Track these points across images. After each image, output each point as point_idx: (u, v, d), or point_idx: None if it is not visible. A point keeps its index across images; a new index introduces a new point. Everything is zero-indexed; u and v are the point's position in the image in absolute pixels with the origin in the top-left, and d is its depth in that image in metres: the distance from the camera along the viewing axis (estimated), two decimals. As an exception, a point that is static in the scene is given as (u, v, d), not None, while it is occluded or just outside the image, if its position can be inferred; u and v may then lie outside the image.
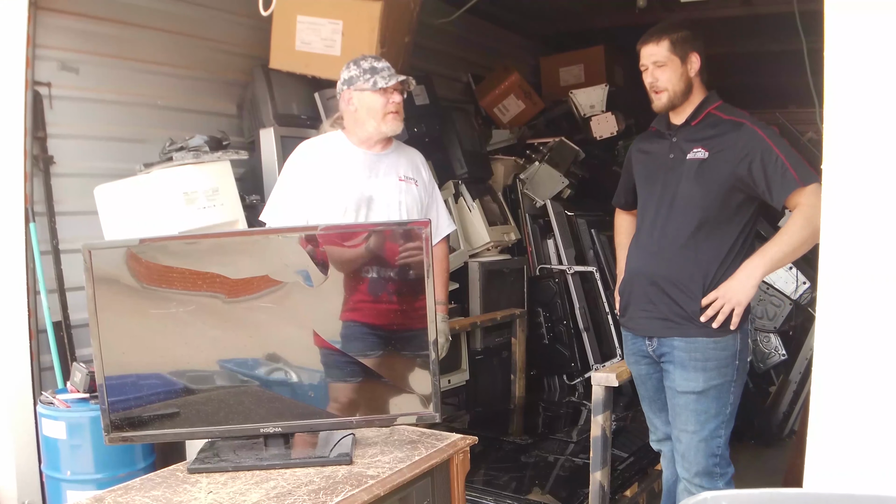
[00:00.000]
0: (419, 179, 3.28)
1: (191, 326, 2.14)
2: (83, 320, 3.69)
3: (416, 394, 2.22)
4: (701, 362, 2.74)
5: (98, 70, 3.80)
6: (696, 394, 2.76)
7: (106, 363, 2.10)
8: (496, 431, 4.30)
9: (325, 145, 3.21)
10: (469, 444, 2.34)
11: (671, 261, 2.79)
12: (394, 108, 3.09)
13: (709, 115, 2.80)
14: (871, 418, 1.84)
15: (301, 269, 2.16)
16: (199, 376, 2.17)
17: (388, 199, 3.15)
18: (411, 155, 3.33)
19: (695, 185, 2.75)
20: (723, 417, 2.78)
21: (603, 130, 5.83)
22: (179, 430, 2.17)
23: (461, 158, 4.82)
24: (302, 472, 2.08)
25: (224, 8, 4.24)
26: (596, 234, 5.41)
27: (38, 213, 3.56)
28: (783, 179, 2.62)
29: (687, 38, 2.79)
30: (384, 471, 2.07)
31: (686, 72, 2.79)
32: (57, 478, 3.22)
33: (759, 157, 2.65)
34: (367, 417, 2.24)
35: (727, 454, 2.84)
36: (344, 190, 3.09)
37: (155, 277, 2.13)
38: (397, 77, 3.09)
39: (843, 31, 1.82)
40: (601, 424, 3.05)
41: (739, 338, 2.76)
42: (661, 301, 2.81)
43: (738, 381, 2.79)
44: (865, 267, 1.82)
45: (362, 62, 3.11)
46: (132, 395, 2.14)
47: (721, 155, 2.72)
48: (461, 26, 5.50)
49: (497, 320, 4.73)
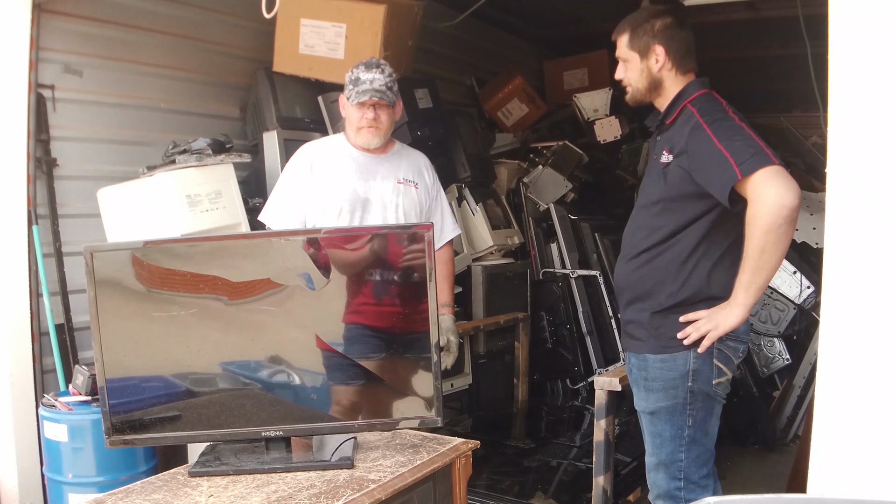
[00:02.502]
0: (420, 182, 3.25)
1: (193, 329, 2.14)
2: (86, 323, 3.70)
3: (419, 397, 2.21)
4: (649, 381, 2.59)
5: (101, 73, 3.80)
6: (648, 414, 2.63)
7: (107, 366, 2.10)
8: (499, 435, 4.29)
9: (326, 147, 3.21)
10: (471, 448, 2.33)
11: (635, 270, 2.62)
12: (365, 123, 3.07)
13: (683, 111, 2.52)
14: (875, 423, 1.83)
15: (303, 273, 2.16)
16: (201, 379, 2.17)
17: (384, 202, 3.14)
18: (414, 158, 3.31)
19: (657, 191, 2.54)
20: (680, 441, 2.57)
21: (606, 134, 5.80)
22: (180, 434, 2.18)
23: (465, 162, 4.81)
24: (303, 475, 2.07)
25: (227, 11, 4.24)
26: (599, 237, 5.40)
27: (41, 216, 3.56)
28: (723, 176, 2.31)
29: (650, 30, 2.54)
30: (386, 475, 2.06)
31: (647, 68, 2.55)
32: (58, 480, 3.21)
33: (706, 157, 2.36)
34: (368, 421, 2.24)
35: (697, 476, 2.60)
36: (339, 191, 3.09)
37: (157, 280, 2.13)
38: (370, 94, 3.02)
39: (848, 35, 1.81)
40: (604, 429, 3.04)
41: (693, 357, 2.51)
42: (625, 312, 2.70)
43: (696, 403, 2.55)
44: (870, 271, 1.81)
45: (354, 70, 3.09)
46: (133, 398, 2.14)
47: (678, 159, 2.46)
48: (464, 30, 5.49)
49: (500, 324, 4.72)
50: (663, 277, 2.55)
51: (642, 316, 2.60)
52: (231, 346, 2.18)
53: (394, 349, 2.23)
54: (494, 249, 4.88)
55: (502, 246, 4.95)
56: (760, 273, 2.35)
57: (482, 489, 3.47)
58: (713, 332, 2.46)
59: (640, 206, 2.67)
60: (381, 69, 3.07)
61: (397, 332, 2.22)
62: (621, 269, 2.71)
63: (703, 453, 2.61)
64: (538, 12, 6.07)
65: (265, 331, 2.17)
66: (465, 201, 4.83)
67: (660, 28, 2.54)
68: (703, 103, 2.50)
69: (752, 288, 2.39)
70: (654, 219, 2.57)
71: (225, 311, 2.15)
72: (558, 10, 5.99)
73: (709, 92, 2.56)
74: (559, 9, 5.96)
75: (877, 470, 1.83)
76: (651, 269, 2.57)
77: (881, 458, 1.83)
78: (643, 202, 2.66)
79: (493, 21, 6.02)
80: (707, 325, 2.47)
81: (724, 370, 2.55)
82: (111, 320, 2.10)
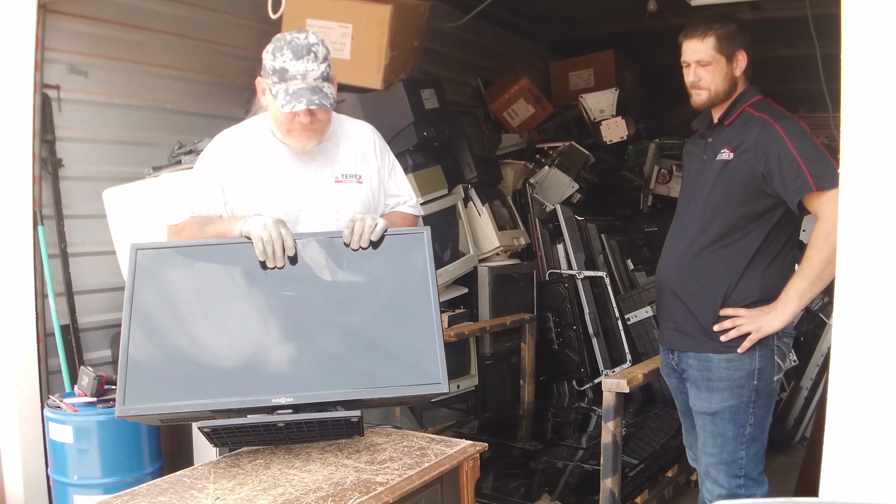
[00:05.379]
0: (366, 170, 2.54)
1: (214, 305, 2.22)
2: (91, 324, 3.73)
3: (423, 368, 2.20)
4: (713, 382, 2.61)
5: (107, 73, 3.81)
6: (710, 415, 2.64)
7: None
8: (505, 437, 4.27)
9: (247, 140, 2.50)
10: (479, 450, 2.31)
11: (688, 269, 2.66)
12: (298, 127, 2.36)
13: (742, 113, 2.62)
14: (888, 426, 1.81)
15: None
16: (213, 351, 2.19)
17: (317, 210, 2.46)
18: (354, 140, 2.56)
19: (717, 189, 2.59)
20: (742, 439, 2.61)
21: (613, 135, 5.79)
22: (190, 402, 2.11)
23: (471, 163, 4.79)
24: (310, 478, 2.06)
25: (233, 11, 4.24)
26: (606, 238, 5.38)
27: (47, 217, 3.57)
28: (795, 182, 2.42)
29: (735, 34, 2.60)
30: (393, 477, 2.04)
31: (731, 71, 2.61)
32: (64, 482, 3.21)
33: (776, 157, 2.46)
34: (374, 388, 2.19)
35: (756, 472, 2.65)
36: (265, 205, 2.40)
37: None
38: (306, 103, 2.28)
39: (861, 34, 1.79)
40: (612, 431, 3.02)
41: (759, 356, 2.57)
42: (679, 311, 2.69)
43: (759, 401, 2.60)
44: (884, 273, 1.79)
45: (277, 53, 2.30)
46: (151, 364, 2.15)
47: (744, 156, 2.54)
48: (470, 31, 5.49)
49: (506, 325, 4.70)
50: (725, 275, 2.59)
51: (703, 314, 2.62)
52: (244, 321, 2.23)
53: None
54: (500, 250, 4.87)
55: (508, 247, 4.93)
56: (818, 284, 2.44)
57: (489, 491, 3.46)
58: (755, 335, 2.52)
59: (690, 204, 2.71)
60: (314, 54, 2.30)
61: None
62: (671, 267, 2.73)
63: (760, 449, 2.66)
64: (544, 13, 6.06)
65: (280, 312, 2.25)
66: (472, 202, 4.81)
67: (739, 32, 2.62)
68: (767, 107, 2.61)
69: (805, 297, 2.48)
70: (711, 216, 2.62)
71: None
72: (564, 10, 5.97)
73: (765, 97, 2.65)
74: (565, 10, 5.94)
75: (890, 473, 1.81)
76: (709, 266, 2.61)
77: (894, 461, 1.81)
78: (695, 201, 2.69)
79: (499, 22, 6.02)
80: (750, 325, 2.52)
81: (781, 366, 2.60)
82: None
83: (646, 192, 6.19)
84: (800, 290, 2.47)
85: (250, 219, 2.30)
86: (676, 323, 2.72)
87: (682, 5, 3.74)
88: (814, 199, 2.41)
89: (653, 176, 6.14)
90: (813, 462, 4.27)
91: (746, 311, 2.55)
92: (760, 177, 2.51)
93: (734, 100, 2.65)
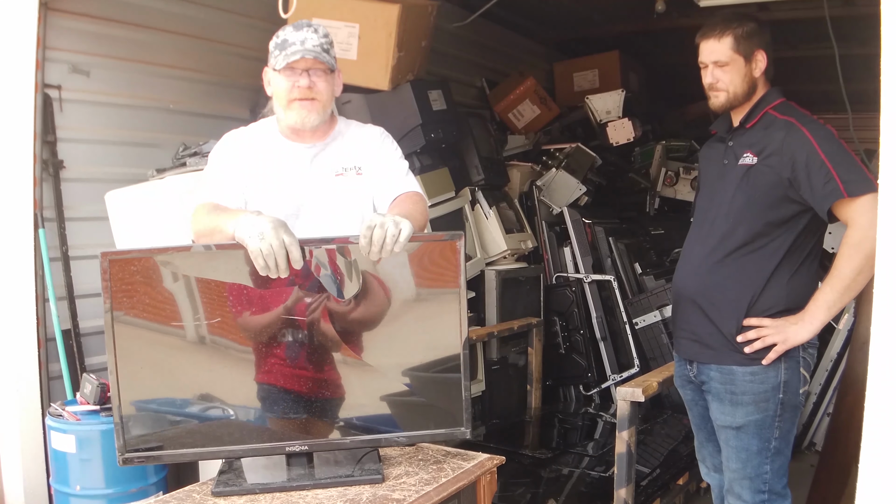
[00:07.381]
0: (367, 159, 2.48)
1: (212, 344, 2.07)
2: (93, 328, 3.66)
3: (445, 410, 2.12)
4: (736, 395, 2.53)
5: (109, 73, 3.74)
6: (734, 429, 2.56)
7: (121, 378, 2.00)
8: (513, 444, 4.21)
9: (252, 140, 2.50)
10: (496, 464, 2.26)
11: (710, 277, 2.57)
12: (298, 93, 2.32)
13: (765, 116, 2.54)
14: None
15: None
16: (222, 394, 2.08)
17: (318, 209, 2.42)
18: (360, 137, 2.53)
19: (740, 194, 2.51)
20: (767, 453, 2.54)
21: (619, 136, 5.72)
22: (200, 450, 2.06)
23: (478, 165, 4.73)
24: (324, 494, 1.99)
25: (238, 11, 4.18)
26: (614, 241, 5.31)
27: (48, 219, 3.50)
28: (825, 188, 2.34)
29: (753, 33, 2.51)
30: (410, 494, 1.98)
31: (750, 71, 2.52)
32: (66, 492, 3.13)
33: (804, 162, 2.38)
34: (393, 434, 2.14)
35: (780, 486, 2.59)
36: (266, 203, 2.36)
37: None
38: (301, 53, 2.28)
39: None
40: (626, 440, 2.96)
41: (784, 368, 2.49)
42: (699, 321, 2.61)
43: (785, 415, 2.52)
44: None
45: (280, 33, 2.37)
46: (150, 412, 2.04)
47: (769, 160, 2.46)
48: (475, 31, 5.44)
49: (514, 330, 4.63)
50: (748, 284, 2.51)
51: (726, 325, 2.53)
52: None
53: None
54: (507, 254, 4.80)
55: (515, 250, 4.87)
56: (848, 294, 2.38)
57: (496, 500, 3.39)
58: (781, 346, 2.44)
59: (710, 211, 2.63)
60: (314, 29, 2.35)
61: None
62: (691, 276, 2.64)
63: (784, 462, 2.59)
64: (548, 13, 6.00)
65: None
66: (479, 205, 4.75)
67: (758, 31, 2.53)
68: (791, 110, 2.52)
69: (835, 307, 2.42)
70: (734, 223, 2.53)
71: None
72: (568, 10, 5.92)
73: (787, 100, 2.56)
74: (569, 9, 5.89)
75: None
76: (732, 274, 2.53)
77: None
78: (716, 207, 2.60)
79: (504, 22, 5.98)
80: (775, 337, 2.45)
81: (807, 378, 2.53)
82: (126, 330, 2.00)
83: (652, 194, 6.14)
84: (829, 300, 2.40)
85: (244, 221, 2.03)
86: (696, 333, 2.63)
87: (688, 6, 3.69)
88: (844, 205, 2.34)
89: (660, 178, 6.08)
90: (826, 471, 4.23)
91: (772, 322, 2.46)
92: (787, 182, 2.43)
93: (756, 102, 2.56)
